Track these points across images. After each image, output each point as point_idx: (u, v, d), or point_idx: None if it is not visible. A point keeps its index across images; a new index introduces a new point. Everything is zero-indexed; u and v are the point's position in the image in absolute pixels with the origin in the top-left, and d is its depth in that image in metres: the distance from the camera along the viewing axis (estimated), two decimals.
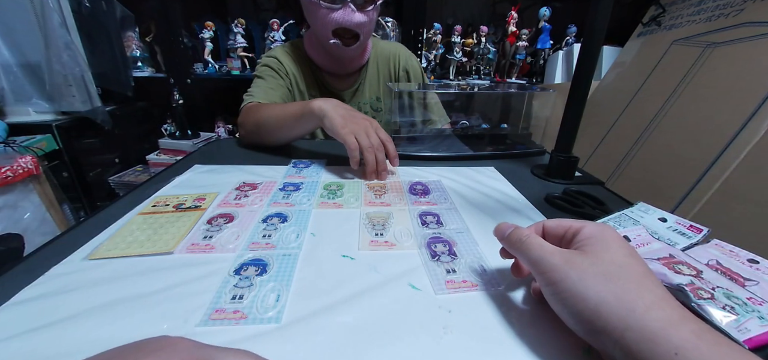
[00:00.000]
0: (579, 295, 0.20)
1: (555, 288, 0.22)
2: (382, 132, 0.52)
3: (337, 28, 0.68)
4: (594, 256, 0.21)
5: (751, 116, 0.75)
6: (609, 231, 0.23)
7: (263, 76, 0.76)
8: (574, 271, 0.21)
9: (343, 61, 0.78)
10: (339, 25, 0.67)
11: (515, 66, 1.56)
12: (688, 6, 1.11)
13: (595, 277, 0.20)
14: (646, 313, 0.18)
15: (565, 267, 0.21)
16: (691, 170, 0.82)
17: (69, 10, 1.13)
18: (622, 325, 0.18)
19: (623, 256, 0.21)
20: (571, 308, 0.21)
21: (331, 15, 0.66)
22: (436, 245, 0.35)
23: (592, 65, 0.48)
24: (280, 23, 1.44)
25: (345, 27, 0.68)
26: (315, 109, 0.54)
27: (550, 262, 0.22)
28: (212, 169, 0.54)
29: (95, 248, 0.33)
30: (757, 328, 0.23)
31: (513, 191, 0.49)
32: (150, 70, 1.53)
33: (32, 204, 0.93)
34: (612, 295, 0.19)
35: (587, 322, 0.20)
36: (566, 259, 0.22)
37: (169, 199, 0.42)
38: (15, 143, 0.95)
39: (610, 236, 0.23)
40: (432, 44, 1.55)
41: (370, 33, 0.75)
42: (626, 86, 1.16)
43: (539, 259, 0.23)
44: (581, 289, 0.20)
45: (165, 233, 0.35)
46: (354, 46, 0.71)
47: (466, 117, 1.17)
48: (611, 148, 1.10)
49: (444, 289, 0.28)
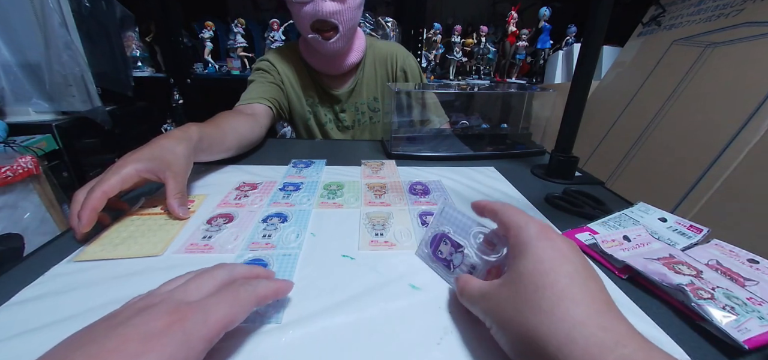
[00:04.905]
0: (507, 337, 0.20)
1: (492, 332, 0.21)
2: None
3: (313, 21, 0.67)
4: (519, 282, 0.20)
5: (751, 116, 0.75)
6: (544, 236, 0.21)
7: (255, 79, 0.76)
8: (498, 315, 0.21)
9: (330, 58, 0.76)
10: (314, 17, 0.66)
11: (515, 66, 1.56)
12: (688, 6, 1.10)
13: (514, 314, 0.19)
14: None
15: (492, 314, 0.21)
16: (691, 170, 0.82)
17: (69, 10, 1.12)
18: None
19: (549, 273, 0.19)
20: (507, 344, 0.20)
21: (303, 9, 0.66)
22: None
23: (592, 65, 0.48)
24: (280, 23, 1.44)
25: (320, 18, 0.66)
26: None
27: (480, 308, 0.22)
28: (212, 169, 0.54)
29: (82, 250, 0.32)
30: (757, 328, 0.23)
31: (513, 191, 0.49)
32: (150, 70, 1.53)
33: (32, 204, 0.93)
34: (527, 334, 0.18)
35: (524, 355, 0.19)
36: (490, 302, 0.22)
37: (158, 201, 0.42)
38: (15, 143, 0.95)
39: (544, 243, 0.21)
40: (432, 44, 1.55)
41: (351, 22, 0.70)
42: (626, 86, 1.16)
43: (471, 307, 0.24)
44: (508, 332, 0.20)
45: (153, 236, 0.35)
46: (333, 40, 0.69)
47: (466, 117, 1.17)
48: (611, 148, 1.10)
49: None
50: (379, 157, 0.62)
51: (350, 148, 0.68)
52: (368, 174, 0.53)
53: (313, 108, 0.83)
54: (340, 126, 0.85)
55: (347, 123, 0.85)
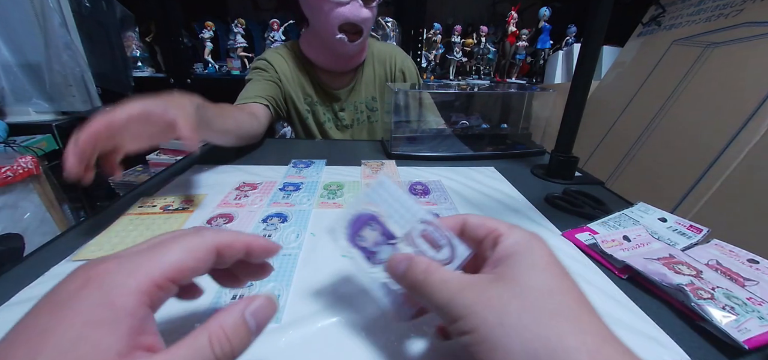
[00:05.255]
0: (500, 349, 0.15)
1: (470, 340, 0.16)
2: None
3: (344, 23, 0.69)
4: (515, 283, 0.16)
5: (751, 116, 0.75)
6: (536, 242, 0.18)
7: (253, 78, 0.77)
8: (492, 314, 0.16)
9: (344, 57, 0.78)
10: (346, 20, 0.69)
11: (515, 66, 1.56)
12: (688, 6, 1.10)
13: (520, 318, 0.15)
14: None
15: (482, 311, 0.16)
16: (691, 170, 0.82)
17: (69, 10, 1.12)
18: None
19: (554, 279, 0.17)
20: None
21: (338, 10, 0.68)
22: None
23: (592, 65, 0.48)
24: (280, 23, 1.44)
25: (352, 21, 0.69)
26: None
27: (461, 303, 0.17)
28: (212, 169, 0.54)
29: (81, 250, 0.32)
30: (757, 328, 0.23)
31: (513, 191, 0.49)
32: (150, 70, 1.53)
33: (32, 204, 0.93)
34: (543, 345, 0.14)
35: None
36: (480, 295, 0.17)
37: (156, 200, 0.42)
38: (15, 143, 0.95)
39: (538, 249, 0.18)
40: (432, 44, 1.55)
41: (370, 30, 0.77)
42: (626, 86, 1.16)
43: (447, 302, 0.17)
44: (502, 340, 0.15)
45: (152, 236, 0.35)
46: (357, 42, 0.73)
47: (466, 117, 1.17)
48: (611, 148, 1.10)
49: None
50: (379, 157, 0.62)
51: (350, 148, 0.68)
52: (368, 174, 0.53)
53: (312, 107, 0.83)
54: (338, 125, 0.86)
55: (346, 122, 0.86)
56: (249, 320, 0.16)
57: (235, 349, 0.15)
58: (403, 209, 0.23)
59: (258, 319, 0.16)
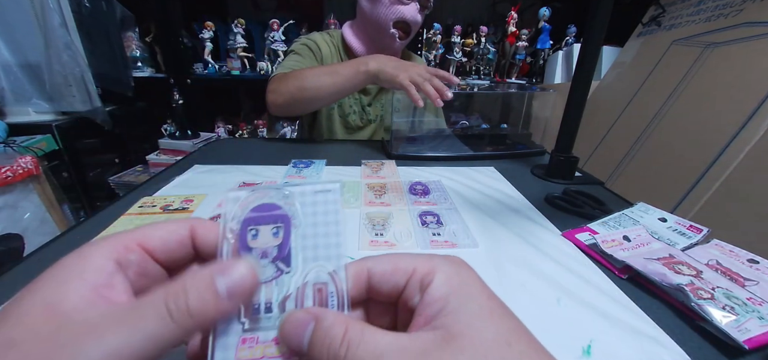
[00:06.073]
0: None
1: None
2: (431, 68, 0.60)
3: (399, 19, 0.73)
4: (467, 341, 0.13)
5: (751, 116, 0.75)
6: (465, 273, 0.15)
7: (301, 53, 0.78)
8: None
9: (387, 52, 0.79)
10: (403, 18, 0.72)
11: (515, 66, 1.56)
12: (687, 6, 1.10)
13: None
14: None
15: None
16: (691, 170, 0.82)
17: (69, 10, 1.12)
18: None
19: (502, 321, 0.14)
20: None
21: (398, 7, 0.71)
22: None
23: (592, 65, 0.48)
24: (280, 23, 1.44)
25: (407, 21, 0.73)
26: (371, 69, 0.61)
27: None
28: (212, 169, 0.54)
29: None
30: (757, 328, 0.23)
31: (513, 191, 0.49)
32: (150, 70, 1.53)
33: (32, 204, 0.93)
34: None
35: None
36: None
37: (157, 200, 0.42)
38: (15, 143, 0.95)
39: (472, 284, 0.15)
40: (432, 44, 1.55)
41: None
42: (626, 86, 1.16)
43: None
44: None
45: None
46: (403, 41, 0.78)
47: (466, 117, 1.17)
48: (611, 148, 1.10)
49: None
50: (380, 157, 0.62)
51: (350, 148, 0.68)
52: (368, 174, 0.54)
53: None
54: (363, 118, 0.87)
55: (371, 117, 0.88)
56: (218, 284, 0.14)
57: (194, 310, 0.13)
58: (323, 239, 0.16)
59: (230, 286, 0.14)
